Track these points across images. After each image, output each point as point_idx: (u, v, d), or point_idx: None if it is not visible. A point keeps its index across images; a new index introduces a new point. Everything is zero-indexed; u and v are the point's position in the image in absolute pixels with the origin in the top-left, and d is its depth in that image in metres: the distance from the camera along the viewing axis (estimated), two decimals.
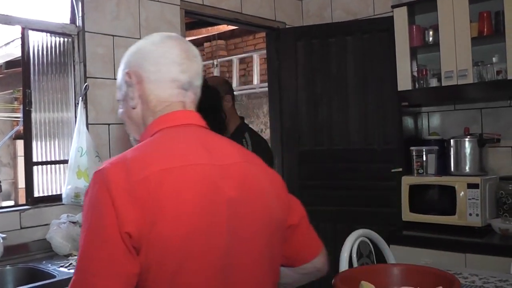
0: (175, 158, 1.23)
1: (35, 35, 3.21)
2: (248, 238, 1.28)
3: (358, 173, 4.31)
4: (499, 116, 3.79)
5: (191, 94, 1.40)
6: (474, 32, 3.52)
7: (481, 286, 2.39)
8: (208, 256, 1.20)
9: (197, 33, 7.56)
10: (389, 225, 3.97)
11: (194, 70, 1.40)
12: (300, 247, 1.50)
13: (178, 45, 1.39)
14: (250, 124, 7.33)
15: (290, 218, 1.45)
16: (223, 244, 1.23)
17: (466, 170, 3.63)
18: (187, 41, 1.45)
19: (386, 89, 4.16)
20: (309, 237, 1.56)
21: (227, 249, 1.23)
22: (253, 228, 1.30)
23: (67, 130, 3.36)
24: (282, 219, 1.39)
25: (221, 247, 1.23)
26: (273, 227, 1.35)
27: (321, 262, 1.58)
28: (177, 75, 1.35)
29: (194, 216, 1.18)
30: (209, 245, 1.21)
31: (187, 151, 1.26)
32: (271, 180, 1.42)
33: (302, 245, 1.51)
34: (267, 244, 1.33)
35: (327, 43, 4.44)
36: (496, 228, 3.35)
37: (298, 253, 1.50)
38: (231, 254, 1.24)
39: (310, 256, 1.54)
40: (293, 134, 4.58)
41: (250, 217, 1.29)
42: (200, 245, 1.19)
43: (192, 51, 1.41)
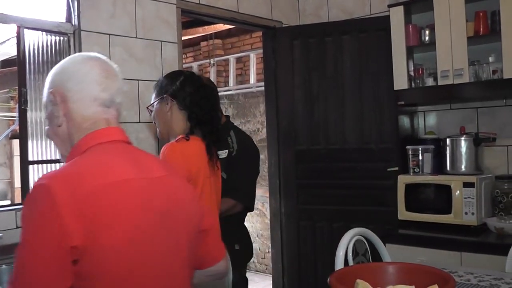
0: (110, 174, 1.31)
1: (31, 33, 3.20)
2: (176, 245, 1.41)
3: (354, 172, 4.31)
4: (495, 115, 3.80)
5: (113, 111, 1.48)
6: (470, 32, 3.53)
7: (476, 284, 2.39)
8: (148, 263, 1.31)
9: (194, 32, 7.55)
10: (385, 224, 3.98)
11: (115, 88, 1.48)
12: (208, 251, 1.62)
13: (99, 65, 1.47)
14: (247, 123, 7.35)
15: (203, 223, 1.56)
16: (159, 252, 1.35)
17: (462, 169, 3.63)
18: (108, 61, 1.52)
19: (383, 88, 4.17)
20: (216, 243, 1.67)
21: (162, 256, 1.36)
22: (179, 236, 1.42)
23: None
24: (197, 224, 1.52)
25: (157, 255, 1.35)
26: (192, 232, 1.49)
27: (224, 266, 1.69)
28: (98, 93, 1.43)
29: (131, 227, 1.28)
30: (148, 253, 1.31)
31: (119, 167, 1.35)
32: (189, 190, 1.55)
33: (210, 249, 1.62)
34: (189, 249, 1.47)
35: (324, 42, 4.45)
36: (492, 227, 3.35)
37: (206, 256, 1.61)
38: (166, 262, 1.37)
39: (215, 260, 1.65)
40: (289, 133, 4.59)
41: (177, 226, 1.42)
42: (139, 254, 1.29)
43: (112, 71, 1.49)
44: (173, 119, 2.42)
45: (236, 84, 7.69)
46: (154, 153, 3.65)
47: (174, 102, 2.41)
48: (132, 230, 1.28)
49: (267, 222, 6.64)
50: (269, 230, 5.38)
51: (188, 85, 2.43)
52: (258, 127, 7.29)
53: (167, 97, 2.41)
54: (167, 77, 2.52)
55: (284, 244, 4.66)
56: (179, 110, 2.41)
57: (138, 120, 3.61)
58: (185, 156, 2.25)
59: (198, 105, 2.40)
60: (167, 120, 2.43)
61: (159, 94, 2.45)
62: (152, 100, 2.51)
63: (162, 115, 2.44)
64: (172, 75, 2.54)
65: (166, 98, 2.41)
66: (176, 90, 2.42)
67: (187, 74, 2.53)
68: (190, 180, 2.23)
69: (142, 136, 3.63)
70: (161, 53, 3.77)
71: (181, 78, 2.46)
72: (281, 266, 4.70)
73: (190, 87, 2.43)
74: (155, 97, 2.49)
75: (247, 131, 7.24)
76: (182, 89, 2.42)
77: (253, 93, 7.35)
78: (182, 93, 2.41)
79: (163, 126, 2.47)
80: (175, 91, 2.42)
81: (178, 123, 2.41)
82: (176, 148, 2.27)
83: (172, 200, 1.42)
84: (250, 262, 7.27)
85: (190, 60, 8.33)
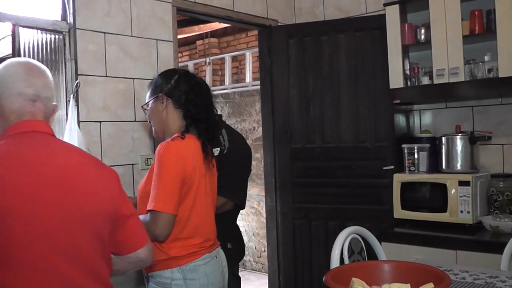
0: (19, 158, 1.56)
1: (26, 32, 3.18)
2: (79, 223, 1.60)
3: (350, 171, 4.32)
4: (490, 114, 3.81)
5: (40, 105, 1.69)
6: (466, 30, 3.53)
7: (471, 282, 2.40)
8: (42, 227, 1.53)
9: (189, 30, 7.55)
10: (381, 222, 3.99)
11: (40, 84, 1.71)
12: (128, 238, 1.77)
13: (24, 65, 1.72)
14: (242, 122, 7.35)
15: (122, 210, 1.73)
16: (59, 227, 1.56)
17: (458, 167, 3.64)
18: (35, 62, 1.78)
19: (378, 87, 4.18)
20: (136, 231, 1.80)
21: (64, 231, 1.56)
22: (82, 215, 1.60)
23: (58, 128, 3.34)
24: (111, 209, 1.69)
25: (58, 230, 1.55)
26: (101, 215, 1.66)
27: (145, 254, 1.81)
28: (22, 89, 1.66)
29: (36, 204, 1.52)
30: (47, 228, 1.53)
31: (30, 152, 1.59)
32: (105, 178, 1.73)
33: (129, 236, 1.77)
34: (96, 228, 1.64)
35: (319, 41, 4.44)
36: (487, 225, 3.36)
37: (125, 243, 1.77)
38: (68, 235, 1.57)
39: (135, 247, 1.78)
40: (285, 132, 4.59)
41: (79, 206, 1.60)
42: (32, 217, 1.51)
43: (37, 69, 1.73)
44: (169, 118, 2.40)
45: (231, 83, 7.69)
46: (149, 152, 3.65)
47: (169, 101, 2.39)
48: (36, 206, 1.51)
49: (263, 221, 6.65)
50: (265, 229, 5.39)
51: (183, 84, 2.42)
52: (254, 126, 7.29)
53: (162, 96, 2.40)
54: (162, 75, 2.51)
55: (280, 242, 4.66)
56: (174, 109, 2.40)
57: (133, 118, 3.60)
58: (180, 155, 2.24)
59: (194, 103, 2.39)
60: (163, 119, 2.41)
61: (154, 93, 2.44)
62: (146, 99, 2.50)
63: (157, 114, 2.43)
64: (166, 73, 2.52)
65: (161, 97, 2.40)
66: (171, 89, 2.40)
67: (182, 72, 2.52)
68: (186, 179, 2.24)
69: (136, 135, 3.62)
70: (156, 51, 3.77)
71: (175, 77, 2.44)
72: (277, 264, 4.70)
73: (185, 85, 2.41)
74: (149, 96, 2.48)
75: (242, 130, 7.28)
76: (177, 88, 2.40)
77: (249, 92, 7.35)
78: (177, 92, 2.40)
79: (158, 125, 2.45)
80: (170, 89, 2.40)
81: (173, 121, 2.40)
82: (171, 148, 2.26)
83: (73, 184, 1.61)
84: (246, 261, 7.28)
85: (186, 59, 8.33)
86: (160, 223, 2.16)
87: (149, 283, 2.34)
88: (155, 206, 2.16)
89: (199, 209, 2.32)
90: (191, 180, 2.26)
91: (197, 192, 2.30)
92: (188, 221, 2.27)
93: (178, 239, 2.26)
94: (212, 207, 2.47)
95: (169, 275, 2.25)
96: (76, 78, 3.30)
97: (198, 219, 2.31)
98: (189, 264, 2.27)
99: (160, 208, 2.15)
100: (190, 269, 2.26)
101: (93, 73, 3.39)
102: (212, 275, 2.33)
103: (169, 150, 2.25)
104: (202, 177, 2.34)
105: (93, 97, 3.39)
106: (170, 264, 2.26)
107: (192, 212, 2.29)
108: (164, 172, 2.20)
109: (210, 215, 2.43)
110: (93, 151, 3.26)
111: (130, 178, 3.52)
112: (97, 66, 3.41)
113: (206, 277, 2.30)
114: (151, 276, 2.32)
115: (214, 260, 2.37)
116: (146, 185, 2.29)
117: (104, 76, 3.44)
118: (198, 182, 2.30)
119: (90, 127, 3.37)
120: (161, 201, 2.16)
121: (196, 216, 2.30)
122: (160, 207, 2.16)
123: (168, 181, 2.19)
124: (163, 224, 2.16)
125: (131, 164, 3.56)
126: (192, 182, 2.26)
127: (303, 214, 4.53)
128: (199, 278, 2.28)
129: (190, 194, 2.27)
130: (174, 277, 2.25)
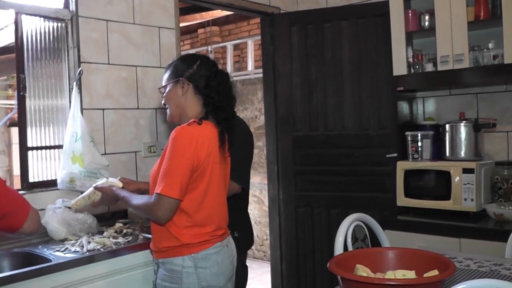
0: None
1: (29, 20, 3.18)
2: None
3: (353, 158, 4.31)
4: (495, 101, 3.79)
5: None
6: (471, 17, 3.50)
7: (476, 270, 2.40)
8: None
9: (191, 18, 7.52)
10: (384, 210, 3.98)
11: None
12: (5, 227, 1.99)
13: None
14: (244, 111, 7.33)
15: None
16: None
17: (462, 155, 3.63)
18: None
19: (381, 74, 4.16)
20: (12, 220, 2.00)
21: None
22: None
23: (61, 115, 3.34)
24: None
25: None
26: None
27: (29, 228, 2.05)
28: None
29: None
30: None
31: None
32: None
33: (6, 226, 1.99)
34: None
35: (322, 28, 4.42)
36: (491, 213, 3.36)
37: (7, 230, 2.01)
38: None
39: (17, 229, 2.02)
40: (287, 120, 4.57)
41: None
42: None
43: None
44: (188, 103, 2.37)
45: (233, 71, 7.68)
46: (152, 139, 3.65)
47: (190, 86, 2.35)
48: None
49: (265, 209, 6.65)
50: (267, 217, 5.40)
51: (205, 69, 2.37)
52: (256, 114, 7.28)
53: (183, 80, 2.35)
54: (183, 60, 2.45)
55: (282, 230, 4.66)
56: (194, 94, 2.36)
57: (136, 106, 3.59)
58: (194, 140, 2.21)
59: (216, 90, 2.35)
60: (181, 103, 2.38)
61: (174, 77, 2.39)
62: (164, 81, 2.45)
63: (175, 98, 2.38)
64: (188, 58, 2.46)
65: (182, 81, 2.35)
66: (193, 74, 2.36)
67: (203, 58, 2.46)
68: (198, 165, 2.21)
69: (140, 123, 3.61)
70: (159, 39, 3.75)
71: (197, 62, 2.39)
72: (279, 252, 4.70)
73: (206, 71, 2.37)
74: (168, 79, 2.42)
75: (244, 119, 7.26)
76: (199, 73, 2.36)
77: (251, 80, 7.33)
78: (199, 77, 2.35)
79: (175, 109, 2.41)
80: (192, 74, 2.36)
81: (192, 107, 2.37)
82: (187, 132, 2.23)
83: None
84: None
85: (188, 48, 8.31)
86: (163, 207, 2.16)
87: (159, 269, 2.34)
88: (162, 190, 2.15)
89: (211, 197, 2.30)
90: (203, 167, 2.24)
91: (210, 179, 2.28)
92: (200, 209, 2.27)
93: (190, 226, 2.26)
94: (225, 196, 2.46)
95: (180, 263, 2.25)
96: (79, 65, 3.29)
97: (210, 207, 2.30)
98: (200, 252, 2.26)
99: (166, 192, 2.15)
100: (202, 258, 2.26)
101: (96, 60, 3.38)
102: (222, 264, 2.33)
103: (183, 134, 2.22)
104: (216, 164, 2.32)
105: (96, 85, 3.38)
106: (182, 251, 2.26)
107: (205, 199, 2.28)
108: (174, 157, 2.19)
109: (222, 204, 2.42)
110: (96, 138, 3.25)
111: (133, 165, 3.52)
112: (99, 54, 3.40)
113: (217, 265, 2.30)
114: (162, 263, 2.32)
115: (225, 249, 2.37)
116: (158, 170, 2.27)
117: (106, 63, 3.43)
118: (211, 169, 2.28)
119: (93, 114, 3.36)
120: (168, 185, 2.16)
121: (208, 204, 2.29)
122: (166, 191, 2.15)
123: (177, 166, 2.18)
124: (166, 208, 2.17)
125: (134, 152, 3.55)
126: (205, 169, 2.25)
127: (306, 202, 4.53)
128: (210, 267, 2.28)
129: (203, 182, 2.26)
130: (185, 264, 2.25)
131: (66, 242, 2.84)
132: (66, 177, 3.12)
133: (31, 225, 2.01)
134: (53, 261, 2.52)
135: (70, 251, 2.67)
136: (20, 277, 2.33)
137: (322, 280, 4.41)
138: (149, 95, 3.62)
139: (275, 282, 4.78)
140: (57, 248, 2.73)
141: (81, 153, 3.10)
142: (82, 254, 2.62)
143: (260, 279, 6.30)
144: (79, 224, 2.99)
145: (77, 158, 3.11)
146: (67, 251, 2.68)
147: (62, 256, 2.59)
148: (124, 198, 2.42)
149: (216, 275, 2.29)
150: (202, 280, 2.25)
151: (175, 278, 2.26)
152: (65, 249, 2.70)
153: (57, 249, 2.71)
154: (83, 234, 2.97)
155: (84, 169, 3.12)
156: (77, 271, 2.52)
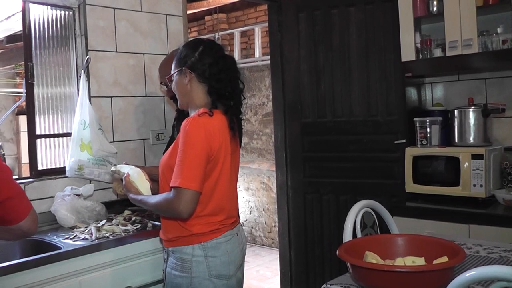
0: None
1: (36, 8, 3.18)
2: None
3: (361, 145, 4.30)
4: (504, 86, 3.77)
5: None
6: (480, 1, 3.46)
7: (485, 256, 2.39)
8: None
9: (198, 5, 7.50)
10: (392, 197, 3.98)
11: None
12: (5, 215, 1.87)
13: None
14: (252, 97, 7.33)
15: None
16: None
17: (470, 140, 3.61)
18: None
19: (389, 60, 4.13)
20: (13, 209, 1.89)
21: None
22: None
23: (69, 103, 3.34)
24: None
25: None
26: None
27: (27, 225, 1.92)
28: None
29: None
30: None
31: None
32: None
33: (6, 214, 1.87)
34: None
35: (330, 14, 4.39)
36: (500, 199, 3.34)
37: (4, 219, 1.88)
38: None
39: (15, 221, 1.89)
40: (295, 107, 4.56)
41: None
42: None
43: None
44: (193, 92, 2.33)
45: (241, 58, 7.66)
46: (160, 127, 3.65)
47: (193, 75, 2.32)
48: None
49: (273, 196, 6.66)
50: (275, 204, 5.40)
51: (207, 56, 2.32)
52: (263, 101, 7.27)
53: (185, 69, 2.32)
54: (186, 47, 2.40)
55: (290, 217, 4.67)
56: (198, 83, 2.32)
57: (144, 93, 3.60)
58: (207, 131, 2.18)
59: (217, 78, 2.30)
60: (187, 92, 2.35)
61: (178, 66, 2.36)
62: (172, 70, 2.42)
63: (181, 87, 2.36)
64: (191, 45, 2.41)
65: (185, 71, 2.32)
66: (195, 62, 2.31)
67: (207, 44, 2.39)
68: (211, 156, 2.20)
69: (148, 110, 3.62)
70: (166, 26, 3.74)
71: (200, 49, 2.34)
72: (287, 239, 4.71)
73: (209, 58, 2.32)
74: (174, 68, 2.39)
75: (252, 106, 7.27)
76: (201, 61, 2.31)
77: (258, 67, 7.32)
78: (201, 65, 2.31)
79: (182, 98, 2.39)
80: (193, 63, 2.32)
81: (197, 96, 2.34)
82: (198, 123, 2.19)
83: None
84: (256, 236, 7.32)
85: (195, 35, 8.29)
86: (184, 200, 2.11)
87: (169, 257, 2.34)
88: (180, 183, 2.11)
89: (222, 186, 2.29)
90: (216, 158, 2.22)
91: (222, 169, 2.26)
92: (211, 198, 2.25)
93: (201, 216, 2.25)
94: (235, 184, 2.45)
95: (190, 251, 2.25)
96: (87, 53, 3.30)
97: (221, 196, 2.29)
98: (210, 241, 2.26)
99: (185, 185, 2.11)
100: (212, 246, 2.26)
101: (104, 48, 3.38)
102: (233, 252, 2.32)
103: (196, 126, 2.18)
104: (228, 155, 2.30)
105: (104, 73, 3.38)
106: (192, 240, 2.25)
107: (216, 189, 2.26)
108: (189, 149, 2.15)
109: (233, 192, 2.41)
110: (104, 126, 3.26)
111: (141, 153, 3.52)
112: (107, 41, 3.40)
113: (227, 254, 2.29)
114: (172, 251, 2.32)
115: (235, 237, 2.36)
116: (169, 160, 2.25)
117: (114, 51, 3.43)
118: (223, 159, 2.26)
119: (101, 102, 3.37)
120: (186, 177, 2.12)
121: (219, 193, 2.28)
122: (185, 184, 2.11)
123: (193, 158, 2.15)
124: (187, 201, 2.12)
125: (142, 139, 3.56)
126: (217, 160, 2.23)
127: (314, 189, 4.53)
128: (220, 256, 2.27)
129: (215, 172, 2.24)
130: (195, 253, 2.25)
131: (75, 230, 2.86)
132: (74, 165, 3.13)
133: (30, 223, 1.94)
134: (63, 248, 2.53)
135: (79, 239, 2.69)
136: (30, 265, 2.35)
137: (330, 267, 4.41)
138: (157, 82, 3.62)
139: (283, 269, 4.79)
140: (66, 235, 2.75)
141: (89, 140, 3.11)
142: (91, 241, 2.64)
143: (269, 266, 6.33)
144: (88, 212, 3.01)
145: (86, 145, 3.12)
146: (76, 238, 2.70)
147: (71, 243, 2.61)
148: (142, 200, 2.36)
149: (226, 264, 2.29)
150: (212, 269, 2.25)
151: (185, 267, 2.26)
152: (74, 237, 2.72)
153: (66, 237, 2.73)
154: (92, 221, 2.98)
155: (92, 156, 3.13)
156: (86, 259, 2.54)
